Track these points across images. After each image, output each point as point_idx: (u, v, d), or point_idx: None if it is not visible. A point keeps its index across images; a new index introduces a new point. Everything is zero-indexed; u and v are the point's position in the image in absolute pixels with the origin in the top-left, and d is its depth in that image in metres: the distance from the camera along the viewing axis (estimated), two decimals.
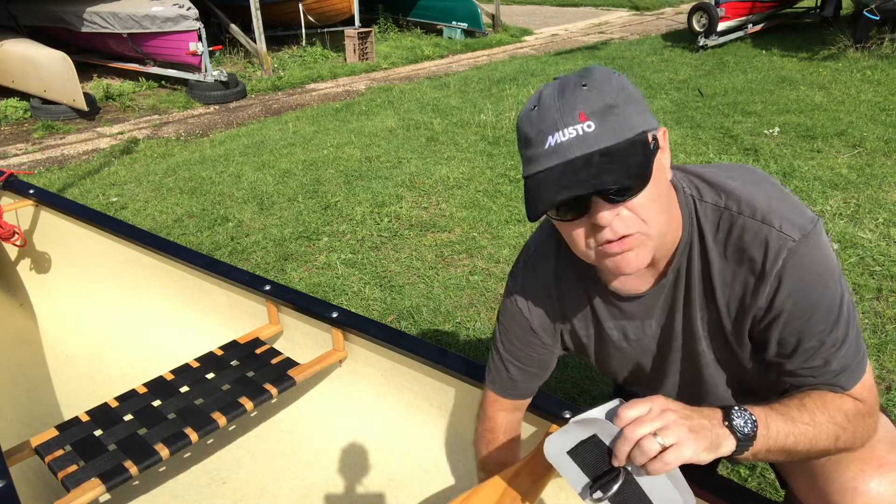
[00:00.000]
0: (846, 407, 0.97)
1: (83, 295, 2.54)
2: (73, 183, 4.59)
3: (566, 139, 0.86)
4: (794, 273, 0.93)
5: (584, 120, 0.85)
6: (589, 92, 0.87)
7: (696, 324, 1.07)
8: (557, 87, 0.90)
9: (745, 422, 0.89)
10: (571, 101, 0.87)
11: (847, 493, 0.99)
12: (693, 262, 1.02)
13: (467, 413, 1.72)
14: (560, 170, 0.87)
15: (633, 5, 14.87)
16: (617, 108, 0.87)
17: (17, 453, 1.61)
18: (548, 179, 0.88)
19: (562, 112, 0.86)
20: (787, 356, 1.00)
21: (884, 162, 4.25)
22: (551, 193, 0.87)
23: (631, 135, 0.87)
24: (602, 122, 0.86)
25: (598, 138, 0.86)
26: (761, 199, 0.96)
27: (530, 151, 0.90)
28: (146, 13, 6.69)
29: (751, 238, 0.95)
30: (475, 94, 6.83)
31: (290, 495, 1.80)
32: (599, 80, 0.88)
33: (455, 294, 2.97)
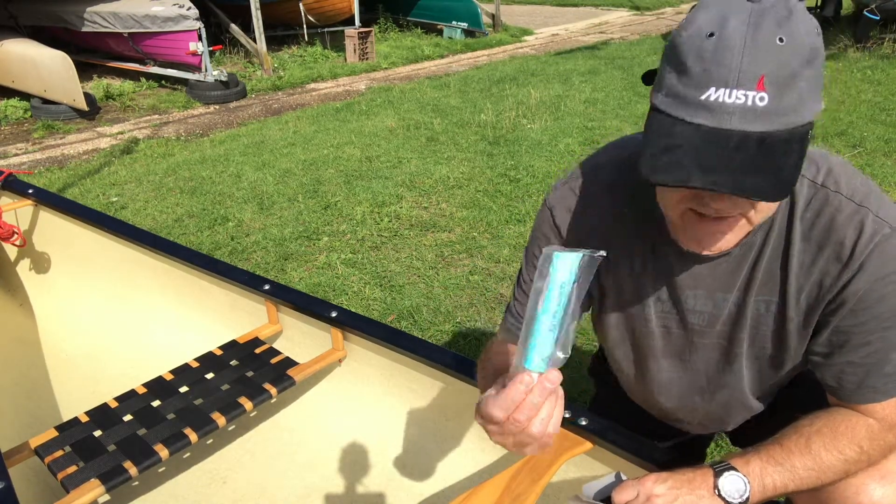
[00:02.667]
0: (860, 437, 0.92)
1: (83, 295, 2.54)
2: (73, 183, 4.59)
3: (731, 101, 0.73)
4: (878, 261, 0.87)
5: (760, 89, 0.72)
6: (782, 50, 0.72)
7: (747, 310, 0.99)
8: (752, 21, 0.73)
9: (736, 488, 0.88)
10: (760, 56, 0.72)
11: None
12: (768, 242, 0.93)
13: (467, 413, 1.71)
14: (706, 136, 0.74)
15: (634, 5, 14.87)
16: (801, 82, 0.73)
17: (16, 454, 1.61)
18: (688, 141, 0.74)
19: (743, 65, 0.72)
20: (839, 347, 0.94)
21: (884, 162, 4.25)
22: (684, 169, 0.73)
23: (798, 123, 0.75)
24: (778, 97, 0.73)
25: (764, 118, 0.73)
26: (860, 182, 0.91)
27: (682, 86, 0.76)
28: (146, 13, 6.69)
29: (844, 219, 0.88)
30: (475, 94, 6.83)
31: (290, 495, 1.80)
32: (800, 34, 0.73)
33: (455, 294, 2.97)
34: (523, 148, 4.94)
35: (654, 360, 1.14)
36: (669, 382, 1.16)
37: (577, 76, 7.46)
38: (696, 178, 0.73)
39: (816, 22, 0.77)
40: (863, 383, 0.94)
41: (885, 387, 0.93)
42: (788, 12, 0.74)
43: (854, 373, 0.94)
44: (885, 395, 0.93)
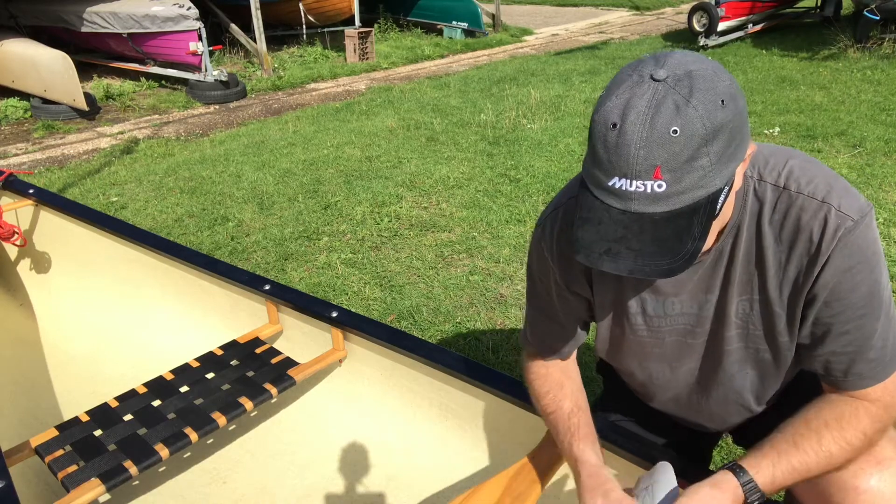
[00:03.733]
0: (864, 424, 0.96)
1: (83, 295, 2.54)
2: (73, 183, 4.59)
3: (633, 189, 0.81)
4: (843, 252, 0.91)
5: (657, 178, 0.79)
6: (675, 141, 0.78)
7: (730, 309, 1.03)
8: (649, 112, 0.79)
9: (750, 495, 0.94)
10: (654, 151, 0.78)
11: (848, 492, 0.98)
12: (739, 244, 0.99)
13: (467, 412, 1.72)
14: (615, 217, 0.83)
15: (634, 5, 14.87)
16: (700, 160, 0.79)
17: (16, 453, 1.61)
18: (600, 223, 0.84)
19: (638, 160, 0.79)
20: (821, 339, 0.98)
21: (884, 162, 4.25)
22: (594, 255, 0.85)
23: (702, 196, 0.81)
24: (676, 182, 0.79)
25: (664, 201, 0.81)
26: (820, 179, 0.94)
27: (594, 167, 0.84)
28: (146, 13, 6.69)
29: (809, 217, 0.93)
30: (475, 94, 6.83)
31: (290, 495, 1.80)
32: (696, 119, 0.78)
33: (455, 294, 2.97)
34: (523, 148, 4.94)
35: (650, 364, 1.18)
36: (667, 384, 1.20)
37: (577, 76, 7.46)
38: (603, 262, 0.84)
39: (726, 87, 0.81)
40: (850, 371, 0.97)
41: (871, 372, 0.96)
42: (689, 92, 0.79)
43: (839, 361, 0.98)
44: (873, 379, 0.97)
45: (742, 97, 0.84)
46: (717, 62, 0.85)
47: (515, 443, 1.62)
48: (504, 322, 2.74)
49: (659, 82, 0.80)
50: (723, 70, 0.84)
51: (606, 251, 0.84)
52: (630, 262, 0.83)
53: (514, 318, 2.76)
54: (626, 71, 0.84)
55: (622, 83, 0.82)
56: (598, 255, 0.85)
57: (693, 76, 0.80)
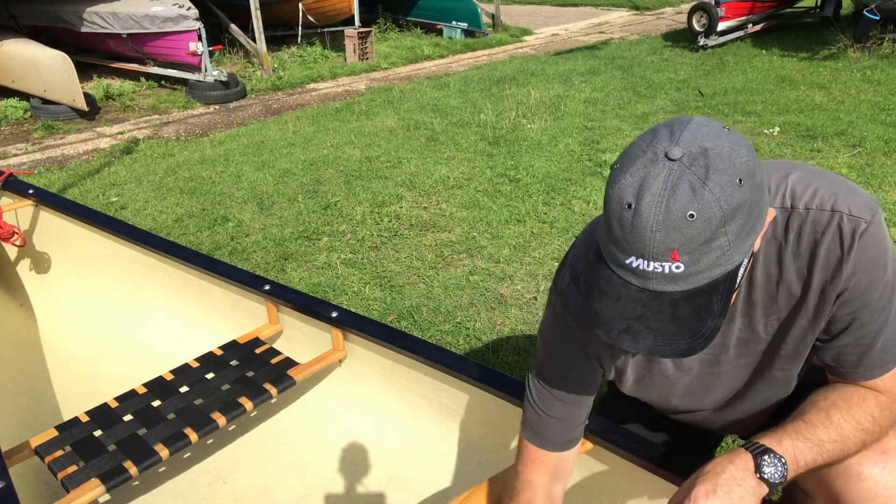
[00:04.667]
0: (871, 408, 0.97)
1: (83, 295, 2.54)
2: (73, 183, 4.59)
3: (650, 270, 0.80)
4: (861, 253, 0.93)
5: (675, 259, 0.78)
6: (693, 224, 0.76)
7: (758, 327, 1.05)
8: (665, 195, 0.77)
9: (776, 469, 0.92)
10: (671, 235, 0.77)
11: (850, 477, 0.99)
12: (756, 270, 0.99)
13: (467, 412, 1.72)
14: (634, 295, 0.82)
15: (633, 5, 14.87)
16: (718, 242, 0.78)
17: (16, 454, 1.61)
18: (619, 300, 0.84)
19: (655, 242, 0.78)
20: (837, 334, 0.99)
21: (884, 162, 4.25)
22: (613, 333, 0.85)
23: (720, 273, 0.81)
24: (694, 263, 0.79)
25: (683, 280, 0.80)
26: (823, 189, 0.95)
27: (613, 247, 0.83)
28: (146, 13, 6.69)
29: (823, 229, 0.93)
30: (475, 94, 6.83)
31: (290, 495, 1.80)
32: (713, 202, 0.76)
33: (455, 294, 2.97)
34: (523, 148, 4.94)
35: (675, 398, 1.20)
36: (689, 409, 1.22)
37: (577, 76, 7.46)
38: (623, 341, 0.84)
39: (744, 163, 0.79)
40: (860, 363, 0.99)
41: (881, 362, 0.98)
42: (705, 173, 0.77)
43: (851, 353, 0.99)
44: (882, 369, 0.98)
45: (760, 169, 0.82)
46: (734, 133, 0.83)
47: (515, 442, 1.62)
48: (504, 322, 2.74)
49: (674, 161, 0.78)
50: (740, 142, 0.81)
51: (626, 329, 0.84)
52: (649, 341, 0.83)
53: (513, 318, 2.76)
54: (641, 145, 0.82)
55: (636, 159, 0.80)
56: (618, 333, 0.84)
57: (709, 155, 0.78)
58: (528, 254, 3.31)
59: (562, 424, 1.18)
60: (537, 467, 1.19)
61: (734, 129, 0.84)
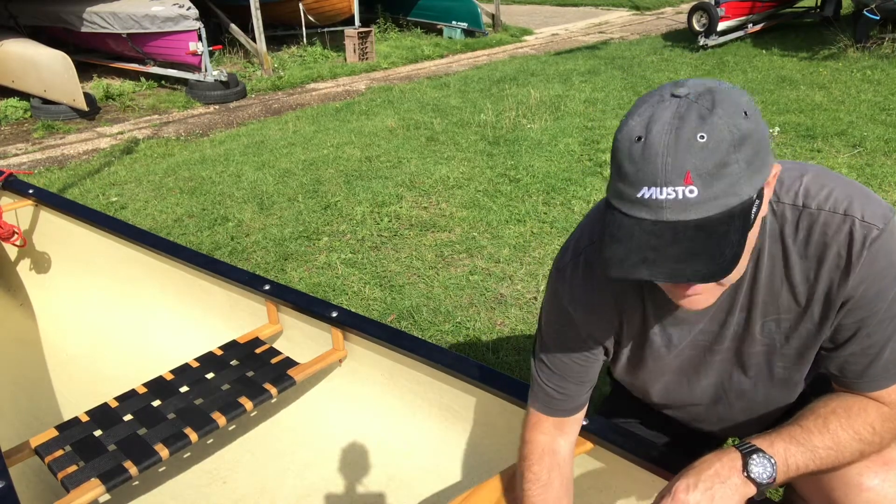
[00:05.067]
0: (872, 418, 0.96)
1: (83, 295, 2.54)
2: (73, 183, 4.59)
3: (663, 198, 0.79)
4: (871, 260, 0.92)
5: (688, 183, 0.78)
6: (705, 146, 0.77)
7: (755, 327, 1.04)
8: (674, 123, 0.79)
9: (764, 469, 0.92)
10: (682, 156, 0.77)
11: (851, 487, 0.98)
12: (761, 267, 0.98)
13: (467, 412, 1.72)
14: (647, 229, 0.80)
15: (633, 5, 14.87)
16: (731, 166, 0.78)
17: (16, 453, 1.61)
18: (631, 235, 0.81)
19: (667, 167, 0.78)
20: (843, 343, 0.98)
21: (884, 162, 4.25)
22: (629, 263, 0.81)
23: (735, 203, 0.79)
24: (707, 187, 0.78)
25: (697, 207, 0.78)
26: (838, 191, 0.94)
27: (622, 184, 0.82)
28: (146, 13, 6.69)
29: (834, 232, 0.92)
30: (475, 94, 6.83)
31: (290, 495, 1.80)
32: (722, 127, 0.78)
33: (455, 294, 2.97)
34: (523, 148, 4.94)
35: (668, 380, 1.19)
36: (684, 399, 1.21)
37: (577, 76, 7.46)
38: (640, 270, 0.80)
39: (747, 102, 0.81)
40: (865, 372, 0.98)
41: (885, 374, 0.97)
42: (712, 104, 0.79)
43: (857, 363, 0.98)
44: (888, 381, 0.97)
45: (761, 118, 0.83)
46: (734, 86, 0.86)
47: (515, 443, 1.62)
48: (504, 322, 2.74)
49: (681, 98, 0.80)
50: (741, 90, 0.84)
51: (642, 260, 0.80)
52: (667, 268, 0.79)
53: (513, 318, 2.76)
54: (646, 95, 0.85)
55: (643, 104, 0.83)
56: (633, 265, 0.81)
57: (714, 91, 0.81)
58: (528, 254, 3.31)
59: (565, 396, 1.19)
60: (541, 428, 1.22)
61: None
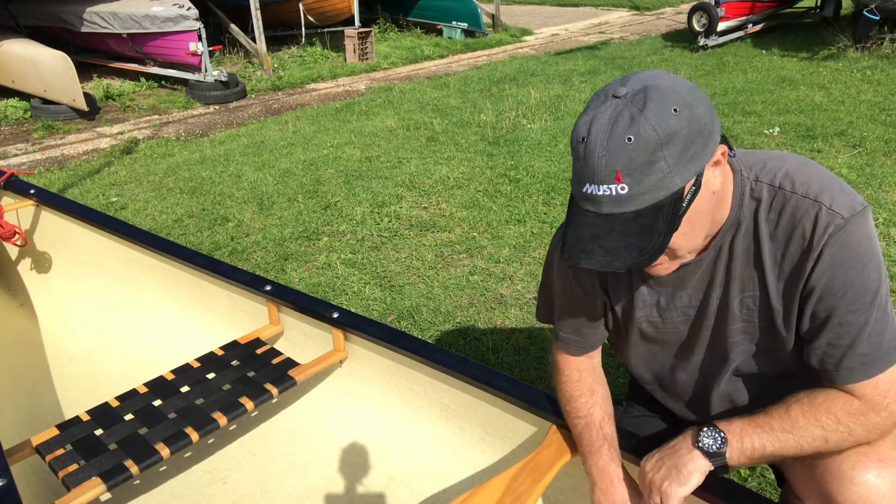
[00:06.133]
0: (836, 409, 0.99)
1: (84, 295, 2.54)
2: (73, 183, 4.59)
3: (601, 193, 0.91)
4: (835, 248, 0.96)
5: (619, 181, 0.89)
6: (631, 147, 0.87)
7: (734, 303, 1.08)
8: (608, 125, 0.89)
9: (714, 440, 1.02)
10: (613, 157, 0.88)
11: (844, 481, 1.00)
12: (738, 240, 1.04)
13: (468, 413, 1.72)
14: (592, 220, 0.94)
15: (633, 5, 14.87)
16: (657, 165, 0.88)
17: (17, 452, 1.61)
18: (579, 226, 0.95)
19: (601, 167, 0.89)
20: (817, 333, 1.02)
21: (884, 162, 4.25)
22: (574, 252, 0.95)
23: (664, 195, 0.90)
24: (637, 183, 0.89)
25: (629, 201, 0.90)
26: (815, 179, 1.00)
27: (574, 178, 0.96)
28: (146, 13, 6.69)
29: (802, 214, 0.98)
30: (475, 94, 6.83)
31: (290, 495, 1.80)
32: (649, 128, 0.87)
33: (455, 294, 2.97)
34: (523, 148, 4.94)
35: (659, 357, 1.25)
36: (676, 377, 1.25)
37: (577, 76, 7.46)
38: (580, 259, 0.95)
39: (681, 97, 0.89)
40: (840, 364, 1.00)
41: (862, 367, 0.99)
42: (643, 104, 0.88)
43: (832, 354, 1.01)
44: (863, 374, 0.99)
45: (702, 104, 0.91)
46: (679, 77, 0.93)
47: (516, 443, 1.62)
48: (504, 322, 2.74)
49: (619, 98, 0.90)
50: (682, 82, 0.92)
51: (583, 250, 0.94)
52: (600, 258, 0.93)
53: (513, 319, 2.76)
54: (598, 92, 0.95)
55: (592, 102, 0.94)
56: (577, 254, 0.95)
57: (648, 90, 0.89)
58: (528, 254, 3.31)
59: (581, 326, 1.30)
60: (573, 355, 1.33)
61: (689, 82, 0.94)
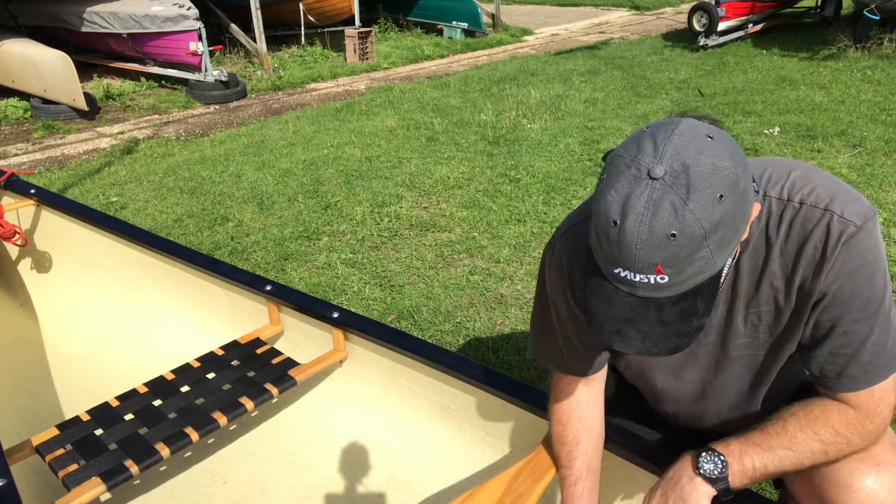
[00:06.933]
0: (833, 421, 0.98)
1: (84, 295, 2.54)
2: (73, 183, 4.59)
3: (637, 280, 0.84)
4: (846, 257, 0.94)
5: (659, 272, 0.83)
6: (674, 244, 0.80)
7: (738, 318, 1.06)
8: (647, 214, 0.80)
9: (714, 465, 1.00)
10: (654, 252, 0.81)
11: (842, 489, 0.99)
12: (744, 257, 1.01)
13: (468, 413, 1.72)
14: (624, 300, 0.87)
15: (634, 5, 14.87)
16: (700, 253, 0.81)
17: (17, 452, 1.62)
18: (610, 303, 0.89)
19: (639, 259, 0.82)
20: (820, 341, 1.00)
21: (884, 162, 4.25)
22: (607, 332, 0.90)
23: (704, 279, 0.85)
24: (678, 274, 0.83)
25: (668, 289, 0.84)
26: (822, 188, 0.97)
27: (601, 252, 0.87)
28: (146, 13, 6.69)
29: (813, 225, 0.95)
30: (475, 94, 6.83)
31: (290, 495, 1.80)
32: (694, 220, 0.79)
33: (455, 294, 2.97)
34: (523, 148, 4.94)
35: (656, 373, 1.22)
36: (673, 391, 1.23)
37: (577, 76, 7.46)
38: (615, 341, 0.89)
39: (725, 176, 0.80)
40: (842, 373, 0.99)
41: (864, 375, 0.98)
42: (686, 193, 0.79)
43: (834, 363, 0.99)
44: (865, 382, 0.98)
45: (742, 173, 0.82)
46: (719, 140, 0.83)
47: (515, 443, 1.62)
48: (504, 322, 2.74)
49: (656, 181, 0.80)
50: (723, 152, 0.82)
51: (617, 331, 0.89)
52: (638, 342, 0.88)
53: (513, 318, 2.76)
54: (626, 158, 0.83)
55: (621, 174, 0.83)
56: (610, 334, 0.89)
57: (690, 174, 0.79)
58: (528, 254, 3.31)
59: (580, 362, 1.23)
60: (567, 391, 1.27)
61: (721, 133, 0.85)
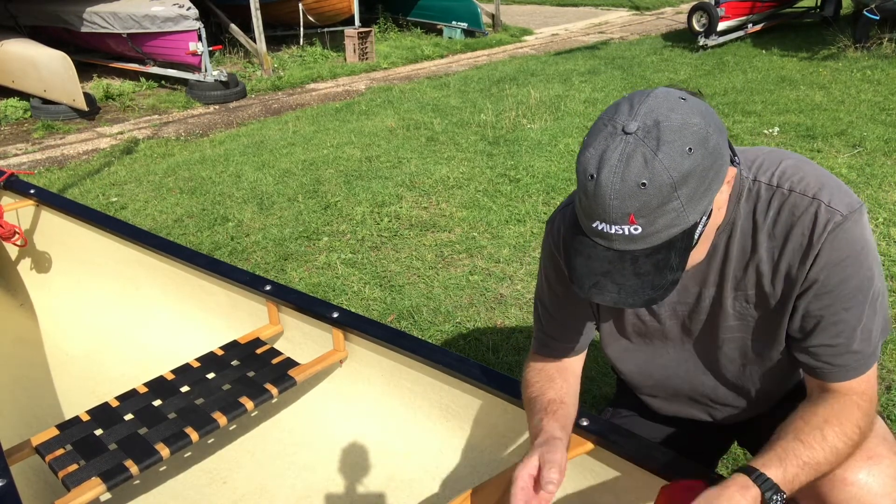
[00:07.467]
0: (856, 417, 0.98)
1: (83, 295, 2.54)
2: (73, 183, 4.59)
3: (612, 232, 0.89)
4: (833, 246, 0.95)
5: (632, 223, 0.87)
6: (645, 192, 0.84)
7: (727, 301, 1.08)
8: (620, 165, 0.85)
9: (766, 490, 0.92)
10: (626, 201, 0.85)
11: (836, 482, 1.00)
12: (733, 242, 1.03)
13: (467, 413, 1.72)
14: (602, 254, 0.91)
15: (634, 5, 14.87)
16: (671, 205, 0.86)
17: (17, 452, 1.62)
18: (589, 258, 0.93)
19: (613, 209, 0.86)
20: (810, 331, 1.01)
21: (884, 162, 4.25)
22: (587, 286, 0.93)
23: (677, 232, 0.88)
24: (650, 224, 0.87)
25: (642, 240, 0.88)
26: (812, 176, 0.99)
27: (581, 211, 0.92)
28: (146, 13, 6.69)
29: (801, 212, 0.97)
30: (475, 94, 6.83)
31: (290, 495, 1.80)
32: (663, 170, 0.84)
33: (455, 294, 2.97)
34: (523, 148, 4.94)
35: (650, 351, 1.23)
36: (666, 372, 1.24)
37: (577, 76, 7.46)
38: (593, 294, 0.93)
39: (695, 131, 0.85)
40: (836, 362, 1.00)
41: (856, 363, 1.00)
42: (657, 144, 0.84)
43: (827, 353, 1.01)
44: (858, 371, 1.00)
45: (713, 133, 0.87)
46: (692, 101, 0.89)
47: (515, 443, 1.62)
48: (504, 322, 2.74)
49: (630, 135, 0.86)
50: (694, 111, 0.87)
51: (595, 284, 0.93)
52: (614, 294, 0.92)
53: (513, 318, 2.76)
54: (604, 119, 0.90)
55: (599, 133, 0.89)
56: (588, 288, 0.93)
57: (661, 127, 0.85)
58: (528, 254, 3.31)
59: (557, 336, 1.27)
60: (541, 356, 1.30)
61: (696, 98, 0.91)
